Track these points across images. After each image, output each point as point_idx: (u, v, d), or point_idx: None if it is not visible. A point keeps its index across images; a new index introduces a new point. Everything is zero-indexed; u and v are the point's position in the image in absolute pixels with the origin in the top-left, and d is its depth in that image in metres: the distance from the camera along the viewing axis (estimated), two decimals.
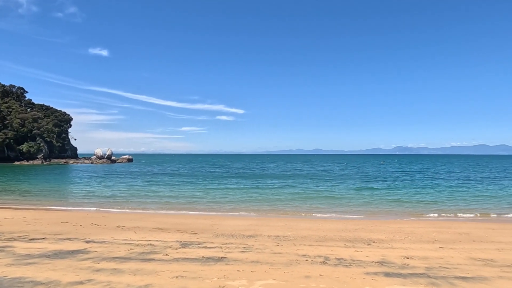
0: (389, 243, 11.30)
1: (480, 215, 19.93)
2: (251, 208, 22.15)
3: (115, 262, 8.14)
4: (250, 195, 28.84)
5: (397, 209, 21.91)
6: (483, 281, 7.01)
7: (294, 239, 11.70)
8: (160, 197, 27.39)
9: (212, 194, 29.38)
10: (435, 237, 12.42)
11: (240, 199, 26.23)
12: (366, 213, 20.41)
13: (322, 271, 7.61)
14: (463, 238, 12.41)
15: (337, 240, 11.73)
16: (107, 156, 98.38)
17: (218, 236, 12.14)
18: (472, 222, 17.19)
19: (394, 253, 9.67)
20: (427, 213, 20.55)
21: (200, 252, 9.37)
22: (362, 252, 9.77)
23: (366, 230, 14.02)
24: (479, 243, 11.51)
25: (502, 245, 11.05)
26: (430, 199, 26.88)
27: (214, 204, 23.92)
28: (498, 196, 28.45)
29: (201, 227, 14.19)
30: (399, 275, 7.40)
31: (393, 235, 12.84)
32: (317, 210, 21.50)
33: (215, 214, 19.96)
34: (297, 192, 30.68)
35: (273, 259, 8.74)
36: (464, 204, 24.43)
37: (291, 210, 21.41)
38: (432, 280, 7.04)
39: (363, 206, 23.26)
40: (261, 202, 24.90)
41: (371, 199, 26.74)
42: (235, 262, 8.34)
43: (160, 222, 15.69)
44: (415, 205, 23.62)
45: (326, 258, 8.92)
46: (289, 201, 25.23)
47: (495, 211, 21.32)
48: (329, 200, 26.15)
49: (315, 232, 13.22)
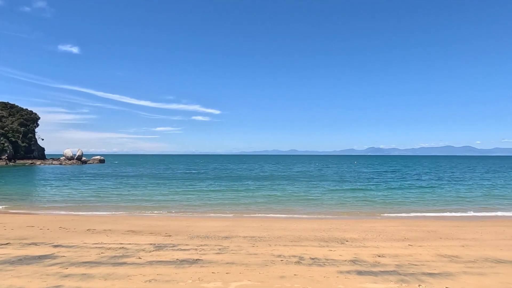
0: (361, 242, 11.58)
1: (447, 213, 20.85)
2: (227, 209, 22.06)
3: (84, 267, 7.85)
4: (225, 196, 28.72)
5: (369, 209, 22.51)
6: (448, 277, 7.32)
7: (269, 240, 11.75)
8: (133, 199, 26.71)
9: (187, 195, 29.00)
10: (405, 235, 12.86)
11: (215, 201, 26.05)
12: (340, 213, 20.84)
13: (297, 271, 7.68)
14: (431, 235, 12.92)
15: (311, 240, 11.89)
16: (77, 157, 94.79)
17: (193, 238, 12.00)
18: (439, 221, 17.93)
19: (366, 251, 9.93)
20: (398, 212, 21.26)
21: (175, 255, 9.21)
22: (335, 251, 9.96)
23: (340, 229, 14.30)
24: (446, 240, 12.03)
25: (466, 242, 11.61)
26: (401, 198, 27.81)
27: (189, 205, 23.61)
28: (464, 196, 29.87)
29: (175, 229, 13.96)
30: (370, 273, 7.60)
31: (365, 234, 13.17)
32: (292, 210, 21.72)
33: (190, 215, 19.71)
34: (273, 194, 30.85)
35: (249, 260, 8.74)
36: (432, 203, 25.47)
37: (266, 211, 21.49)
38: (402, 277, 7.28)
39: (338, 206, 23.73)
40: (237, 203, 24.85)
41: (345, 199, 27.32)
42: (210, 264, 8.27)
43: (133, 224, 15.30)
44: (387, 205, 24.36)
45: (301, 258, 9.02)
46: (265, 202, 25.33)
47: (460, 209, 22.36)
48: (305, 201, 26.47)
49: (290, 233, 13.34)
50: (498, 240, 11.92)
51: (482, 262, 8.72)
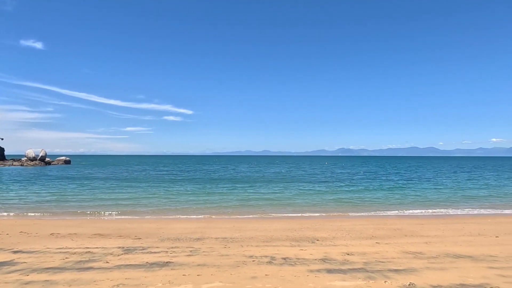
0: (331, 240, 11.85)
1: (412, 211, 21.79)
2: (199, 210, 21.81)
3: (47, 273, 7.50)
4: (198, 197, 28.37)
5: (339, 208, 23.05)
6: (413, 273, 7.65)
7: (241, 241, 11.76)
8: (101, 201, 25.78)
9: (158, 197, 28.39)
10: (373, 234, 13.29)
11: (187, 202, 25.67)
12: (312, 213, 21.20)
13: (268, 271, 7.74)
14: (397, 233, 13.44)
15: (283, 240, 12.02)
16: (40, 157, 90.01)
17: (164, 240, 11.78)
18: (405, 219, 18.68)
19: (336, 250, 10.17)
20: (367, 211, 21.94)
21: (144, 258, 9.00)
22: (306, 250, 10.13)
23: (311, 229, 14.56)
24: (410, 237, 12.56)
25: (430, 239, 12.18)
26: (370, 198, 28.70)
27: (160, 207, 23.10)
28: (428, 195, 31.29)
29: (145, 232, 13.64)
30: (340, 271, 7.79)
31: (335, 233, 13.49)
32: (265, 211, 21.83)
33: (161, 217, 19.32)
34: (247, 195, 30.86)
35: (220, 261, 8.70)
36: (399, 202, 26.49)
37: (239, 212, 21.47)
38: (369, 274, 7.53)
39: (309, 206, 24.10)
40: (210, 204, 24.62)
41: (317, 199, 27.82)
42: (181, 266, 8.16)
43: (100, 227, 14.78)
44: (356, 204, 25.05)
45: (272, 258, 9.09)
46: (238, 203, 25.29)
47: (425, 207, 23.41)
48: (278, 201, 26.68)
49: (262, 233, 13.41)
50: (458, 237, 12.60)
51: (443, 257, 9.19)
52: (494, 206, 24.58)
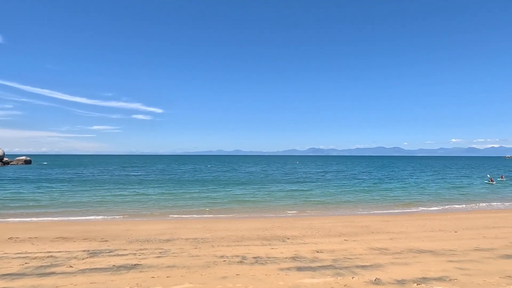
0: (301, 239, 12.04)
1: (379, 209, 22.58)
2: (170, 211, 21.42)
3: (4, 280, 7.06)
4: (168, 198, 27.85)
5: (310, 207, 23.46)
6: (378, 268, 7.92)
7: (212, 241, 11.67)
8: (65, 203, 24.64)
9: (126, 198, 27.57)
10: (341, 231, 13.64)
11: (157, 203, 25.12)
12: (283, 212, 21.43)
13: (239, 271, 7.73)
14: (364, 230, 13.88)
15: (254, 239, 12.05)
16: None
17: (132, 242, 11.45)
18: (371, 216, 19.33)
19: (306, 248, 10.34)
20: (337, 209, 22.49)
21: (111, 261, 8.71)
22: (277, 249, 10.22)
23: (281, 228, 14.70)
24: (377, 234, 13.01)
25: (394, 235, 12.67)
26: (340, 196, 29.44)
27: (129, 208, 22.45)
28: (393, 192, 32.57)
29: (113, 234, 13.20)
30: (309, 268, 7.93)
31: (305, 231, 13.71)
32: (236, 211, 21.81)
33: (129, 219, 18.78)
34: (218, 195, 30.69)
35: (191, 262, 8.59)
36: (367, 200, 27.36)
37: (211, 212, 21.29)
38: (338, 270, 7.71)
39: (281, 206, 24.34)
40: (180, 205, 24.25)
41: (289, 198, 28.14)
42: (150, 268, 7.97)
43: (64, 230, 14.13)
44: (327, 203, 25.61)
45: (244, 257, 9.09)
46: (209, 203, 25.08)
47: (391, 205, 24.35)
48: (250, 201, 26.74)
49: (234, 233, 13.39)
50: (420, 232, 13.20)
51: (407, 253, 9.59)
52: (454, 202, 26.00)
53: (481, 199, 27.85)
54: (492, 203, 25.73)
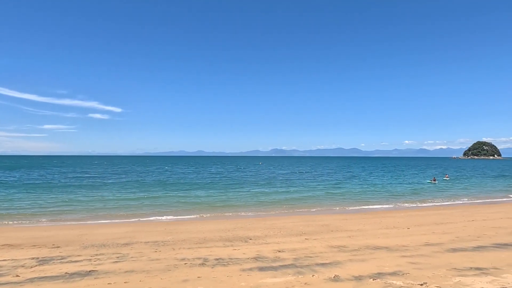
0: (264, 239, 12.12)
1: (339, 208, 23.35)
2: (128, 214, 20.64)
3: None
4: (127, 200, 26.83)
5: (273, 207, 23.72)
6: (337, 265, 8.18)
7: (173, 243, 11.41)
8: (9, 208, 22.87)
9: (81, 201, 26.16)
10: (302, 230, 13.92)
11: (115, 205, 24.09)
12: (246, 212, 21.47)
13: (201, 273, 7.62)
14: (324, 229, 14.27)
15: (216, 240, 11.95)
16: None
17: (87, 248, 10.88)
18: (331, 215, 19.94)
19: (268, 248, 10.43)
20: (298, 209, 22.94)
21: (63, 268, 8.20)
22: (239, 250, 10.20)
23: (244, 228, 14.72)
24: (336, 232, 13.43)
25: (352, 233, 13.16)
26: (303, 196, 30.07)
27: (84, 212, 21.30)
28: (353, 191, 33.85)
29: (65, 239, 12.46)
30: (271, 268, 8.00)
31: (267, 231, 13.83)
32: (199, 212, 21.50)
33: (84, 223, 17.84)
34: (180, 196, 30.11)
35: (150, 266, 8.32)
36: (328, 199, 28.20)
37: (172, 214, 20.81)
38: (298, 269, 7.85)
39: (244, 206, 24.38)
40: (140, 207, 23.45)
41: (252, 199, 28.25)
42: (106, 274, 7.61)
43: (9, 237, 13.11)
44: (290, 203, 26.03)
45: (205, 259, 8.98)
46: (171, 205, 24.51)
47: (352, 204, 25.28)
48: (212, 202, 26.49)
49: (195, 235, 13.18)
50: (376, 230, 13.83)
51: (364, 250, 9.99)
52: (407, 200, 27.56)
53: (430, 197, 29.78)
54: (440, 201, 27.59)
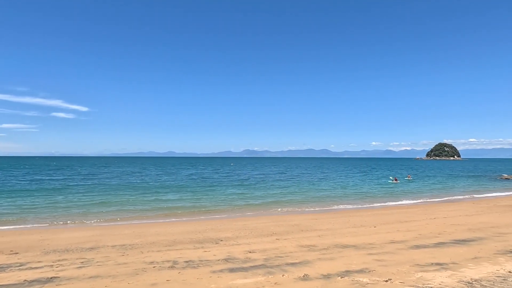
0: (235, 240, 12.09)
1: (310, 208, 23.73)
2: (94, 217, 19.85)
3: None
4: (94, 202, 25.81)
5: (245, 208, 23.69)
6: (307, 264, 8.31)
7: (142, 247, 11.11)
8: None
9: (43, 205, 24.86)
10: (273, 230, 14.02)
11: (80, 209, 23.09)
12: (217, 213, 21.31)
13: (170, 276, 7.48)
14: (295, 229, 14.45)
15: (186, 242, 11.78)
16: None
17: (49, 253, 10.36)
18: (302, 215, 20.24)
19: (239, 249, 10.41)
20: (270, 209, 23.08)
21: (22, 275, 7.77)
22: (210, 251, 10.12)
23: (215, 230, 14.60)
24: (306, 232, 13.64)
25: (322, 232, 13.42)
26: (275, 196, 30.27)
27: (46, 216, 20.23)
28: (325, 191, 34.52)
29: (25, 245, 11.80)
30: (242, 269, 7.99)
31: (238, 232, 13.81)
32: (168, 214, 21.09)
33: (46, 227, 16.97)
34: (151, 198, 29.39)
35: (117, 270, 8.06)
36: (298, 199, 28.56)
37: (140, 217, 20.26)
38: (269, 269, 7.91)
39: (216, 207, 24.18)
40: (107, 211, 22.63)
41: (224, 200, 28.08)
42: (69, 280, 7.29)
43: None
44: (262, 204, 26.12)
45: (175, 262, 8.83)
46: (141, 208, 23.86)
47: (321, 204, 25.76)
48: (184, 204, 26.07)
49: (165, 237, 12.92)
50: (345, 229, 14.19)
51: (333, 248, 10.23)
52: (374, 199, 28.52)
53: (394, 197, 30.99)
54: (403, 200, 28.78)
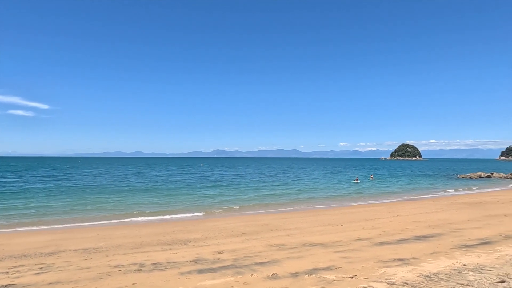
0: (204, 241, 11.97)
1: (280, 208, 23.97)
2: (56, 219, 18.90)
3: None
4: (54, 204, 24.56)
5: (214, 209, 23.51)
6: (276, 263, 8.39)
7: (106, 250, 10.73)
8: None
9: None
10: (243, 231, 14.03)
11: (39, 212, 21.89)
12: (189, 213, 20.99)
13: (136, 279, 7.28)
14: (264, 228, 14.54)
15: (154, 244, 11.51)
16: None
17: (4, 260, 9.75)
18: (271, 214, 20.40)
19: (208, 249, 10.32)
20: (240, 210, 23.06)
21: None
22: (178, 253, 9.95)
23: (184, 231, 14.39)
24: (275, 231, 13.77)
25: (291, 231, 13.60)
26: (246, 197, 30.26)
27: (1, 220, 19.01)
28: (294, 191, 34.99)
29: None
30: (210, 270, 7.93)
31: (208, 233, 13.69)
32: (137, 216, 20.50)
33: (0, 232, 15.95)
34: (118, 200, 28.42)
35: (79, 275, 7.73)
36: (268, 199, 28.75)
37: (106, 218, 19.53)
38: (238, 269, 7.90)
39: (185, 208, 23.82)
40: (70, 213, 21.61)
41: (194, 200, 27.72)
42: (27, 287, 6.89)
43: None
44: (232, 204, 26.02)
45: (142, 264, 8.60)
46: (108, 211, 23.01)
47: (289, 204, 26.09)
48: (152, 206, 25.45)
49: (132, 239, 12.56)
50: (313, 227, 14.47)
51: (301, 247, 10.39)
52: (342, 198, 29.32)
53: (361, 196, 32.05)
54: (368, 199, 29.84)
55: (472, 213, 17.37)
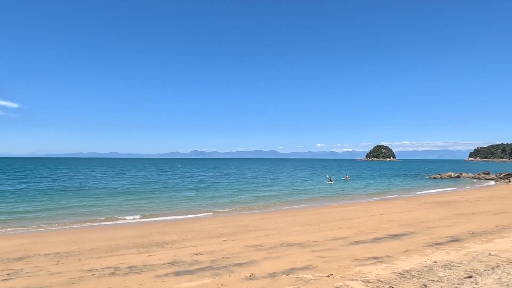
0: (181, 242, 11.83)
1: (259, 209, 24.01)
2: (25, 223, 18.12)
3: None
4: (24, 208, 23.53)
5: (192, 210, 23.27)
6: (254, 264, 8.41)
7: (79, 254, 10.39)
8: None
9: None
10: (221, 232, 13.97)
11: (8, 215, 20.92)
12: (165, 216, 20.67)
13: (111, 283, 7.11)
14: (242, 229, 14.53)
15: (130, 247, 11.26)
16: None
17: None
18: (250, 215, 20.42)
19: (185, 251, 10.21)
20: (218, 210, 22.94)
21: None
22: (155, 255, 9.78)
23: (161, 233, 14.16)
24: (254, 232, 13.79)
25: (269, 232, 13.66)
26: (224, 198, 30.12)
27: None
28: (273, 192, 35.16)
29: None
30: (188, 272, 7.84)
31: (185, 234, 13.53)
32: (111, 218, 19.97)
33: None
34: (93, 204, 27.60)
35: (50, 281, 7.46)
36: (245, 200, 28.77)
37: (79, 221, 18.92)
38: (216, 271, 7.86)
39: (163, 210, 23.44)
40: (39, 216, 20.77)
41: (171, 203, 27.32)
42: None
43: None
44: (211, 205, 25.85)
45: (116, 268, 8.39)
46: (79, 213, 22.27)
47: (268, 204, 26.20)
48: (128, 208, 24.88)
49: (106, 242, 12.23)
50: (291, 227, 14.60)
51: (279, 247, 10.46)
52: (319, 198, 29.74)
53: (338, 196, 32.67)
54: (343, 199, 30.45)
55: (442, 212, 18.07)
